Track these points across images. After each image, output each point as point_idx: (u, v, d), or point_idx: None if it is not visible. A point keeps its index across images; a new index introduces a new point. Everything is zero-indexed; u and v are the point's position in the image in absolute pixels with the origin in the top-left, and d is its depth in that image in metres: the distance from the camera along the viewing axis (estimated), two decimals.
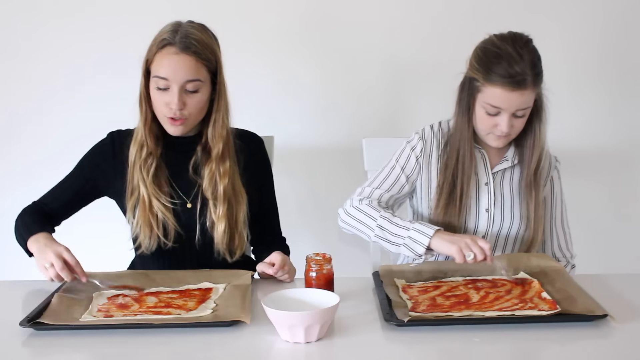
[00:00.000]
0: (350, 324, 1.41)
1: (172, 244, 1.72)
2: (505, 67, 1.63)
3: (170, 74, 1.64)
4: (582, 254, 1.95)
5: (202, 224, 1.73)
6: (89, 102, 2.43)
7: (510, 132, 1.70)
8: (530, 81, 1.63)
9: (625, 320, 1.37)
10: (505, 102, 1.65)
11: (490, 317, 1.38)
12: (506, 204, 1.79)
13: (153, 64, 1.67)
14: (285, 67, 2.43)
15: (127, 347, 1.32)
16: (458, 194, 1.75)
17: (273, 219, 1.89)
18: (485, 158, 1.80)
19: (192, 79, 1.65)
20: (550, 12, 2.39)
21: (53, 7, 2.38)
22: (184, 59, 1.65)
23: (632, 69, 2.45)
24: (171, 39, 1.65)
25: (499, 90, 1.64)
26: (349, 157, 2.35)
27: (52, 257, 1.54)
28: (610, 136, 2.49)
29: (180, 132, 1.71)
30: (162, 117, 1.70)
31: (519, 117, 1.68)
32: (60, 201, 1.77)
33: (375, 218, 1.72)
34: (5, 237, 2.50)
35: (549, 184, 1.84)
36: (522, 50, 1.64)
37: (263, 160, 1.87)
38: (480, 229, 1.79)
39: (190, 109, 1.67)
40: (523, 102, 1.65)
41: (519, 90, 1.63)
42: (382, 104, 2.44)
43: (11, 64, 2.42)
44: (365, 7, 2.40)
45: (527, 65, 1.62)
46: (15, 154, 2.48)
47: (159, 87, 1.66)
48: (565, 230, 1.88)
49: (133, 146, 1.73)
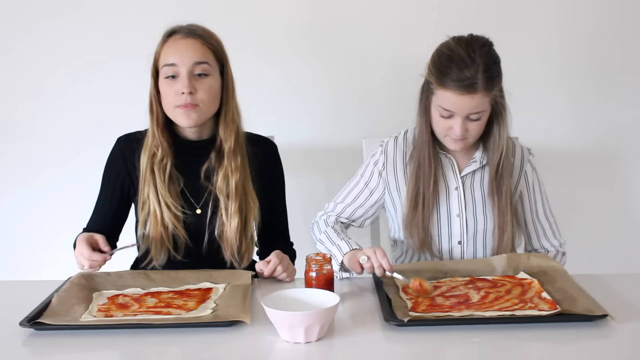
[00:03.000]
0: (350, 324, 1.41)
1: (182, 258, 1.72)
2: (455, 71, 1.63)
3: (178, 58, 1.65)
4: (582, 254, 1.95)
5: (211, 230, 1.73)
6: (87, 101, 2.43)
7: (467, 136, 1.70)
8: (481, 85, 1.62)
9: (625, 320, 1.37)
10: (456, 105, 1.65)
11: (490, 317, 1.38)
12: (478, 207, 1.79)
13: (160, 56, 1.69)
14: (285, 67, 2.43)
15: (127, 347, 1.32)
16: (421, 199, 1.76)
17: (283, 225, 1.89)
18: (453, 163, 1.80)
19: (199, 61, 1.66)
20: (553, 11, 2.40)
21: (51, 5, 2.38)
22: (191, 41, 1.67)
23: (626, 66, 2.45)
24: (176, 29, 1.69)
25: (449, 94, 1.64)
26: (349, 157, 2.35)
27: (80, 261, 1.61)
28: (610, 136, 2.49)
29: (194, 122, 1.69)
30: (173, 110, 1.69)
31: (474, 120, 1.68)
32: (104, 223, 1.79)
33: (321, 232, 1.81)
34: (6, 237, 2.52)
35: (523, 178, 1.83)
36: (474, 54, 1.63)
37: (276, 166, 1.87)
38: (454, 234, 1.80)
39: (201, 94, 1.67)
40: (474, 106, 1.65)
41: (469, 95, 1.63)
42: (382, 104, 2.44)
43: (8, 63, 2.42)
44: (367, 8, 2.40)
45: (479, 70, 1.62)
46: (13, 154, 2.47)
47: (168, 76, 1.66)
48: (549, 219, 1.87)
49: (144, 154, 1.72)
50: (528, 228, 1.86)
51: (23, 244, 2.51)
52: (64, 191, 2.46)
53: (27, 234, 2.50)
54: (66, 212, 2.44)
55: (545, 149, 2.14)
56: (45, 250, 2.49)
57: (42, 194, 2.48)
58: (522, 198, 1.84)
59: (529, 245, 1.89)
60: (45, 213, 2.48)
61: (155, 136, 1.71)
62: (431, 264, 1.70)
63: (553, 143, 2.44)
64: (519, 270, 1.64)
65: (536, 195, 1.85)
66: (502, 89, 1.71)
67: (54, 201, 2.47)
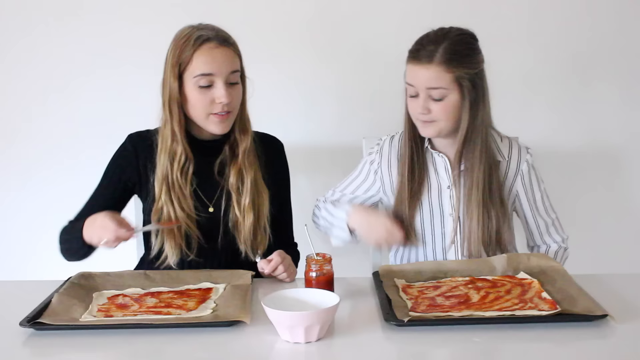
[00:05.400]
0: (350, 324, 1.41)
1: (195, 256, 1.71)
2: (418, 44, 1.70)
3: (215, 68, 1.65)
4: (582, 253, 1.95)
5: (225, 225, 1.73)
6: (87, 101, 2.43)
7: (434, 118, 1.71)
8: (438, 58, 1.65)
9: (625, 320, 1.37)
10: (413, 77, 1.70)
11: (490, 317, 1.38)
12: (472, 206, 1.78)
13: (191, 64, 1.65)
14: (285, 66, 2.43)
15: (127, 347, 1.32)
16: (406, 192, 1.78)
17: (287, 224, 1.89)
18: (445, 161, 1.80)
19: (234, 70, 1.68)
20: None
21: (50, 5, 2.37)
22: (225, 51, 1.67)
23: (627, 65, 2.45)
24: (208, 35, 1.66)
25: (409, 66, 1.71)
26: (349, 157, 2.35)
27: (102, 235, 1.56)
28: (611, 136, 2.49)
29: (227, 129, 1.71)
30: (204, 117, 1.68)
31: (437, 100, 1.69)
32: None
33: (320, 209, 1.90)
34: (6, 237, 2.52)
35: (519, 178, 1.82)
36: (446, 35, 1.69)
37: (282, 165, 1.87)
38: (447, 232, 1.80)
39: (234, 102, 1.69)
40: (431, 78, 1.67)
41: (424, 65, 1.67)
42: (383, 103, 2.44)
43: (6, 63, 2.42)
44: (368, 8, 2.40)
45: (441, 45, 1.66)
46: (13, 154, 2.47)
47: (201, 85, 1.65)
48: (550, 216, 1.87)
49: (163, 155, 1.70)
50: (530, 226, 1.86)
51: (23, 244, 2.50)
52: (64, 191, 2.46)
53: (27, 233, 2.50)
54: (66, 212, 2.43)
55: (545, 149, 2.13)
56: (45, 250, 2.47)
57: (42, 194, 2.48)
58: (519, 197, 1.84)
59: (532, 241, 1.89)
60: (45, 213, 2.48)
61: (177, 139, 1.69)
62: (431, 264, 1.70)
63: (553, 143, 2.44)
64: (519, 270, 1.64)
65: (535, 194, 1.84)
66: (479, 77, 1.70)
67: (54, 201, 2.47)
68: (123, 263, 1.87)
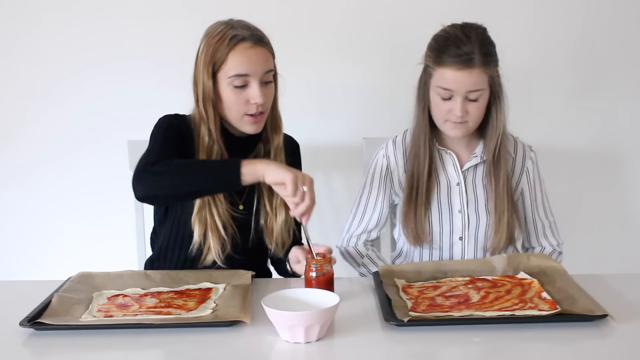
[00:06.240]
0: (350, 324, 1.41)
1: (233, 253, 1.71)
2: (453, 48, 1.67)
3: (251, 68, 1.64)
4: (582, 254, 1.95)
5: (256, 222, 1.73)
6: (85, 100, 2.42)
7: (467, 119, 1.71)
8: (478, 60, 1.65)
9: (625, 320, 1.37)
10: (455, 82, 1.67)
11: (490, 317, 1.38)
12: (480, 203, 1.80)
13: (226, 64, 1.64)
14: (285, 66, 2.43)
15: (127, 347, 1.32)
16: (415, 192, 1.78)
17: (298, 224, 1.88)
18: (453, 158, 1.80)
19: (268, 70, 1.67)
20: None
21: (49, 5, 2.37)
22: (260, 50, 1.66)
23: (627, 65, 2.45)
24: (243, 34, 1.64)
25: (448, 71, 1.67)
26: (349, 157, 2.35)
27: (302, 177, 1.51)
28: (611, 136, 2.49)
29: (260, 128, 1.70)
30: (238, 117, 1.68)
31: (473, 100, 1.69)
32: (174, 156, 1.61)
33: (363, 256, 1.86)
34: (5, 237, 2.52)
35: (524, 175, 1.84)
36: (469, 34, 1.68)
37: (297, 165, 1.87)
38: (455, 230, 1.81)
39: (268, 101, 1.69)
40: (473, 82, 1.67)
41: (467, 69, 1.65)
42: (383, 103, 2.44)
43: (4, 60, 2.42)
44: (367, 8, 2.40)
45: (475, 46, 1.65)
46: (11, 152, 2.47)
47: (235, 85, 1.65)
48: (549, 218, 1.88)
49: (202, 153, 1.67)
50: (528, 225, 1.87)
51: (23, 244, 2.50)
52: (63, 190, 2.46)
53: (27, 233, 2.50)
54: (66, 211, 2.44)
55: (545, 149, 2.13)
56: (45, 250, 2.49)
57: (41, 193, 2.48)
58: (524, 195, 1.85)
59: (527, 242, 1.89)
60: (45, 212, 2.48)
61: (214, 138, 1.67)
62: (431, 264, 1.70)
63: (553, 143, 2.44)
64: (519, 270, 1.64)
65: (537, 193, 1.85)
66: (499, 74, 1.73)
67: (54, 200, 2.47)
68: (123, 263, 1.87)
